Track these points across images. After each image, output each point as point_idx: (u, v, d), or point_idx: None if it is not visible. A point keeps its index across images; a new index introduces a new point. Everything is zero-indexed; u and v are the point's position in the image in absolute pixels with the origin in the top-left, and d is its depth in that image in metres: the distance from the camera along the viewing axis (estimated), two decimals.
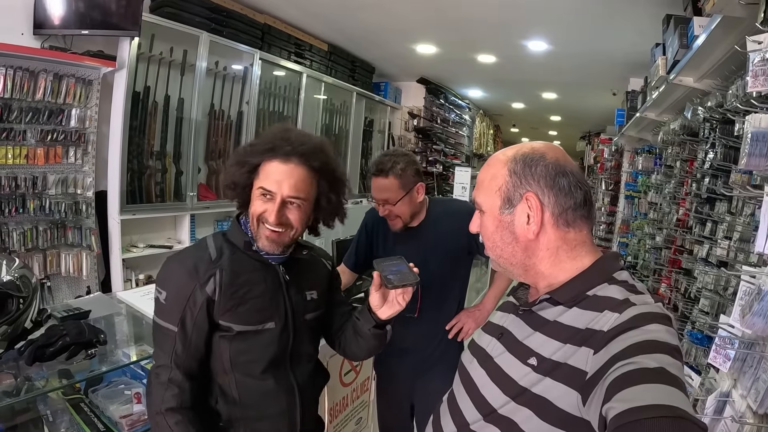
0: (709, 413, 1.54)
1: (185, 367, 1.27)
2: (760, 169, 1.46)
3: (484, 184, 1.02)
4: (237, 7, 4.25)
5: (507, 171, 0.98)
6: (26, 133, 2.97)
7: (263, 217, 1.28)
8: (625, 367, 0.72)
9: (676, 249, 3.07)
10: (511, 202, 0.97)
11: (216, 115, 4.21)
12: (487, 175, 1.02)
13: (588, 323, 0.86)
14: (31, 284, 1.56)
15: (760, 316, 1.27)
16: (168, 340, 1.27)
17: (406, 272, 1.28)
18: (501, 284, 2.20)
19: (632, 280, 0.94)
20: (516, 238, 0.97)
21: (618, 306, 0.85)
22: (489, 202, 1.00)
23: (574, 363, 0.83)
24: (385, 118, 7.23)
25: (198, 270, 1.28)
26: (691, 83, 2.81)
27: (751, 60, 1.50)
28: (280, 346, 1.35)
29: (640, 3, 3.44)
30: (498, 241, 1.00)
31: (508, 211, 0.97)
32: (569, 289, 0.94)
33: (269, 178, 1.27)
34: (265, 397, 1.35)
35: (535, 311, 0.98)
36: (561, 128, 11.58)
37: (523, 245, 0.97)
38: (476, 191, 1.04)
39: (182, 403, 1.25)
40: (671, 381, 0.69)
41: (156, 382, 1.27)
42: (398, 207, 2.01)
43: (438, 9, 4.20)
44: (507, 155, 1.00)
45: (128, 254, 3.56)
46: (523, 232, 0.96)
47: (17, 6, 2.95)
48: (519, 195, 0.96)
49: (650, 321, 0.80)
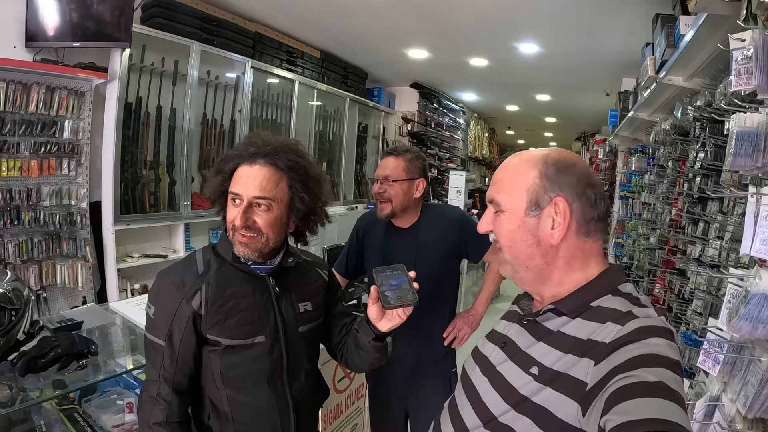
0: (698, 418, 1.53)
1: (173, 381, 1.27)
2: (746, 169, 1.45)
3: (507, 183, 1.00)
4: (228, 16, 4.26)
5: (537, 173, 0.96)
6: (20, 146, 2.97)
7: (233, 223, 1.27)
8: (625, 380, 0.73)
9: (669, 249, 3.07)
10: (539, 204, 0.95)
11: (209, 124, 4.21)
12: (512, 173, 1.00)
13: (590, 334, 0.87)
14: (23, 296, 1.56)
15: (747, 319, 1.25)
16: (157, 354, 1.28)
17: (406, 289, 1.22)
18: (491, 287, 2.20)
19: (636, 292, 0.94)
20: (538, 242, 0.96)
21: (620, 318, 0.86)
22: (513, 201, 0.98)
23: (574, 374, 0.84)
24: (379, 123, 7.24)
25: (185, 284, 1.28)
26: (680, 82, 2.81)
27: (735, 58, 1.49)
28: (272, 360, 1.33)
29: (630, 3, 3.45)
30: (518, 241, 0.98)
31: (533, 213, 0.96)
32: (574, 299, 0.94)
33: (238, 182, 1.28)
34: (258, 413, 1.33)
35: (539, 321, 0.98)
36: (556, 130, 11.60)
37: (543, 250, 0.96)
38: (495, 190, 1.02)
39: (169, 418, 1.25)
40: (670, 396, 0.69)
41: (146, 396, 1.29)
42: (394, 188, 2.02)
43: (429, 14, 4.22)
44: (535, 157, 0.99)
45: (123, 264, 3.55)
46: (546, 236, 0.95)
47: (9, 19, 2.96)
48: (548, 198, 0.95)
49: (652, 334, 0.80)
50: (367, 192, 6.88)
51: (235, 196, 1.27)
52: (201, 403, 1.34)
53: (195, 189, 4.07)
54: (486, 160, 11.18)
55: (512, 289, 2.52)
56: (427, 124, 7.64)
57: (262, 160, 1.28)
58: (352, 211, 5.96)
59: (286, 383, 1.36)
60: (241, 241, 1.28)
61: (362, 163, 6.88)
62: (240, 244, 1.28)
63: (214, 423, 1.32)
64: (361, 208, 6.19)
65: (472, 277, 6.69)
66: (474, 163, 10.59)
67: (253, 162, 1.28)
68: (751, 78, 1.43)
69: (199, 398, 1.34)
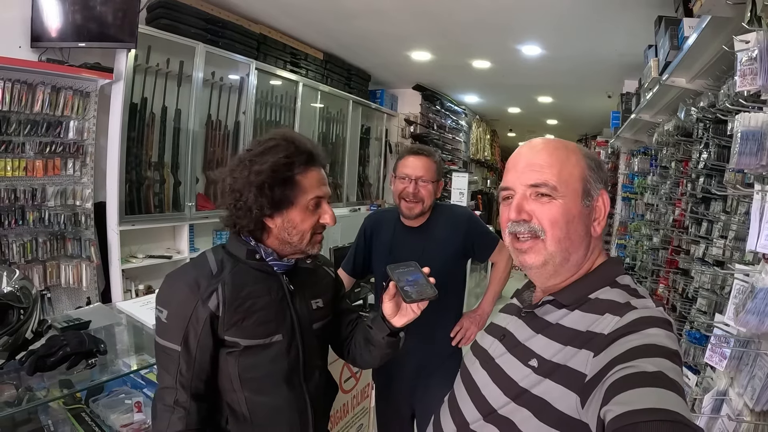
0: (706, 412, 1.54)
1: (191, 387, 1.22)
2: (751, 168, 1.47)
3: (558, 168, 0.95)
4: (232, 17, 4.28)
5: (586, 164, 0.97)
6: (25, 146, 2.98)
7: (322, 224, 1.33)
8: (624, 370, 0.73)
9: (673, 249, 3.08)
10: (590, 195, 0.96)
11: (213, 125, 4.22)
12: (561, 159, 0.96)
13: (589, 326, 0.88)
14: (32, 295, 1.57)
15: (754, 313, 1.28)
16: (171, 360, 1.22)
17: (423, 283, 1.24)
18: (497, 287, 2.21)
19: (634, 284, 0.95)
20: (587, 232, 0.97)
21: (619, 309, 0.87)
22: (572, 187, 0.95)
23: (574, 365, 0.84)
24: (381, 125, 7.26)
25: (199, 285, 1.23)
26: (683, 84, 2.82)
27: (739, 59, 1.51)
28: (289, 359, 1.31)
29: (632, 5, 3.47)
30: (572, 230, 0.95)
31: (587, 203, 0.96)
32: (572, 291, 0.95)
33: (319, 185, 1.32)
34: (276, 413, 1.30)
35: (537, 314, 0.99)
36: (558, 132, 11.59)
37: (588, 241, 0.97)
38: (547, 171, 0.95)
39: (189, 426, 1.19)
40: (669, 385, 0.69)
41: (161, 405, 1.22)
42: (427, 188, 2.07)
43: (431, 16, 4.23)
44: (574, 146, 1.00)
45: (128, 265, 3.56)
46: (593, 228, 0.97)
47: (15, 19, 2.98)
48: (597, 190, 0.96)
49: (650, 325, 0.81)
50: (369, 194, 6.89)
51: (320, 199, 1.32)
52: (217, 408, 1.30)
53: (199, 190, 4.09)
54: (488, 162, 11.18)
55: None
56: (430, 126, 7.65)
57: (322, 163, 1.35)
58: (355, 212, 5.97)
59: (303, 382, 1.35)
60: (320, 242, 1.35)
61: (365, 165, 6.89)
62: (318, 245, 1.35)
63: (232, 426, 1.28)
64: (364, 210, 6.19)
65: (475, 279, 6.69)
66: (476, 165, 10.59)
67: (321, 166, 1.35)
68: (755, 78, 1.45)
69: (216, 402, 1.30)
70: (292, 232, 1.29)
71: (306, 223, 1.29)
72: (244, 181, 1.25)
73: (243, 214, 1.26)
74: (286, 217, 1.28)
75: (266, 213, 1.26)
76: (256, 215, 1.25)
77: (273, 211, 1.26)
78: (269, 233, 1.31)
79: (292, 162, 1.26)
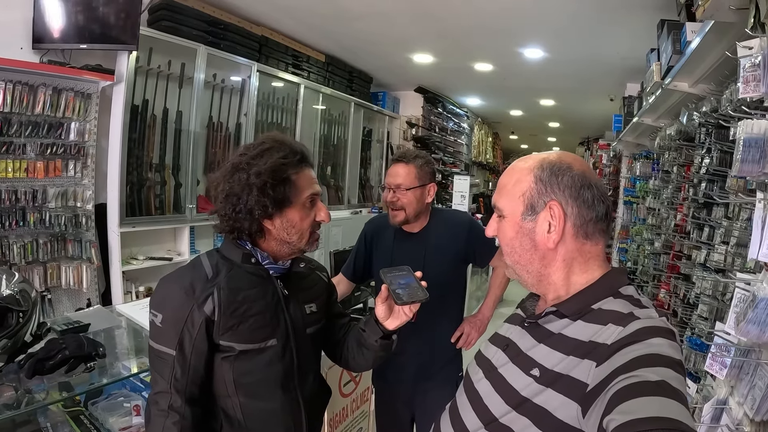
0: (706, 421, 1.53)
1: (185, 392, 1.21)
2: (753, 175, 1.46)
3: (506, 188, 1.02)
4: (234, 19, 4.28)
5: (533, 177, 0.97)
6: (26, 147, 2.99)
7: (318, 221, 1.36)
8: (627, 380, 0.73)
9: (674, 254, 3.07)
10: (534, 209, 0.97)
11: (214, 127, 4.22)
12: (511, 179, 1.01)
13: (591, 336, 0.87)
14: (31, 298, 1.57)
15: (755, 323, 1.26)
16: (166, 364, 1.21)
17: (415, 287, 1.27)
18: (497, 292, 2.21)
19: (638, 294, 0.94)
20: (535, 246, 0.97)
21: (622, 320, 0.86)
22: (511, 206, 1.00)
23: (576, 375, 0.84)
24: (383, 127, 7.25)
25: (195, 289, 1.23)
26: (686, 88, 2.81)
27: (742, 66, 1.50)
28: (284, 364, 1.32)
29: (635, 9, 3.47)
30: (517, 247, 1.00)
31: (530, 218, 0.97)
32: (575, 302, 0.95)
33: (311, 183, 1.35)
34: (271, 418, 1.31)
35: (540, 324, 0.99)
36: (560, 135, 11.61)
37: (541, 253, 0.98)
38: (497, 195, 1.04)
39: (183, 430, 1.19)
40: (672, 394, 0.69)
41: (155, 409, 1.21)
42: (407, 196, 2.02)
43: (434, 18, 4.23)
44: (533, 162, 1.00)
45: (128, 266, 3.56)
46: (543, 240, 0.96)
47: (16, 21, 2.98)
48: (543, 203, 0.96)
49: (653, 335, 0.81)
50: (371, 196, 6.89)
51: (315, 196, 1.35)
52: (212, 413, 1.30)
53: (200, 192, 4.08)
54: (490, 165, 11.19)
55: (516, 294, 2.52)
56: (432, 128, 7.66)
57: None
58: (356, 215, 5.96)
59: (297, 387, 1.35)
60: (317, 240, 1.38)
61: (367, 167, 6.89)
62: (316, 243, 1.38)
63: (226, 431, 1.29)
64: (366, 213, 6.19)
65: (476, 282, 6.68)
66: (478, 167, 10.60)
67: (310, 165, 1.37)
68: (759, 85, 1.44)
69: (210, 407, 1.30)
70: (292, 231, 1.31)
71: (305, 222, 1.32)
72: (243, 185, 1.25)
73: (244, 217, 1.26)
74: (285, 217, 1.29)
75: (268, 214, 1.27)
76: (258, 216, 1.26)
77: (274, 211, 1.27)
78: (267, 236, 1.32)
79: (288, 162, 1.28)
